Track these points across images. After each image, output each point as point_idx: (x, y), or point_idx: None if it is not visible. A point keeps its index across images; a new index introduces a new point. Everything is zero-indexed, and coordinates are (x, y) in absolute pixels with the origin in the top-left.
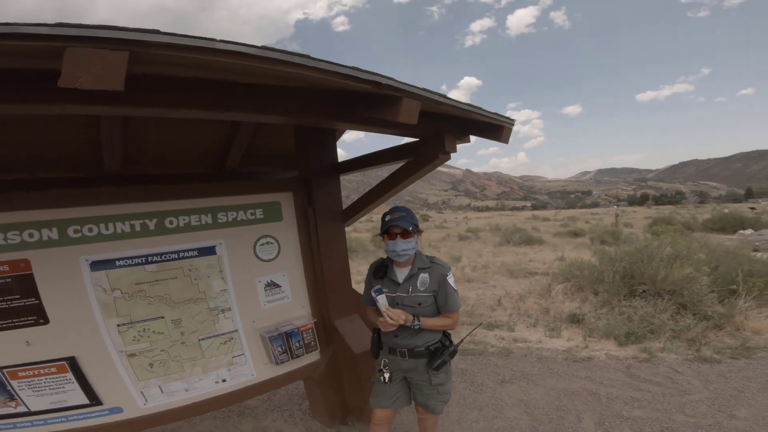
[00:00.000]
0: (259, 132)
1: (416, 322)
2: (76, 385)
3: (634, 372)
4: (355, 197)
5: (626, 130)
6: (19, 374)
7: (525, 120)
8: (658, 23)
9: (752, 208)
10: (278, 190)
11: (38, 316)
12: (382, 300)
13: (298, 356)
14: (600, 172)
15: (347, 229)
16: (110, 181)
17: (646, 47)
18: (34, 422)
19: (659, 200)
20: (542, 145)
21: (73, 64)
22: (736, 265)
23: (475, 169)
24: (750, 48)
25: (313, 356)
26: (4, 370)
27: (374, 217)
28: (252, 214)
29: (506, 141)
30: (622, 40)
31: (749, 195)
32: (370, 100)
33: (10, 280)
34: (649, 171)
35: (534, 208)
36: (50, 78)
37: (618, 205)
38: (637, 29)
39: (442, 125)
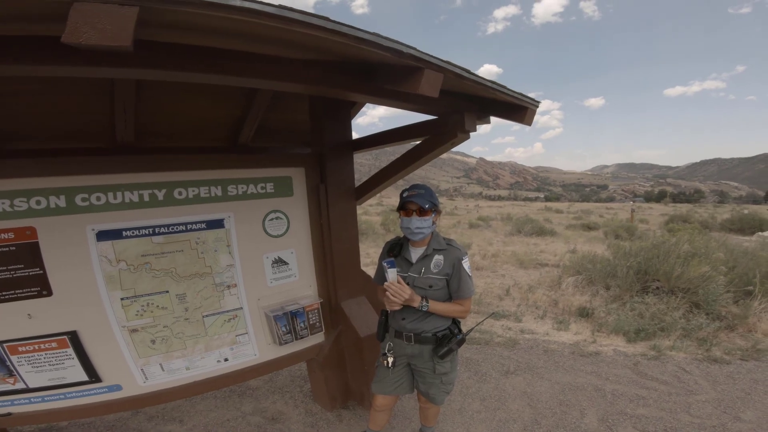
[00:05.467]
0: (273, 108)
1: (424, 303)
2: (75, 361)
3: (641, 369)
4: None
5: (650, 125)
6: (20, 349)
7: (544, 110)
8: (697, 18)
9: None
10: (290, 164)
11: (41, 287)
12: (392, 273)
13: (302, 337)
14: (619, 166)
15: (357, 211)
16: (121, 151)
17: (680, 42)
18: (32, 399)
19: (677, 198)
20: (560, 137)
21: (78, 19)
22: (753, 266)
23: (489, 158)
24: None
25: (318, 338)
26: (5, 345)
27: (384, 200)
28: (262, 188)
29: (529, 123)
30: (657, 33)
31: None
32: (390, 70)
33: (15, 248)
34: (670, 168)
35: (547, 199)
36: (54, 39)
37: (634, 201)
38: (674, 23)
39: (463, 103)
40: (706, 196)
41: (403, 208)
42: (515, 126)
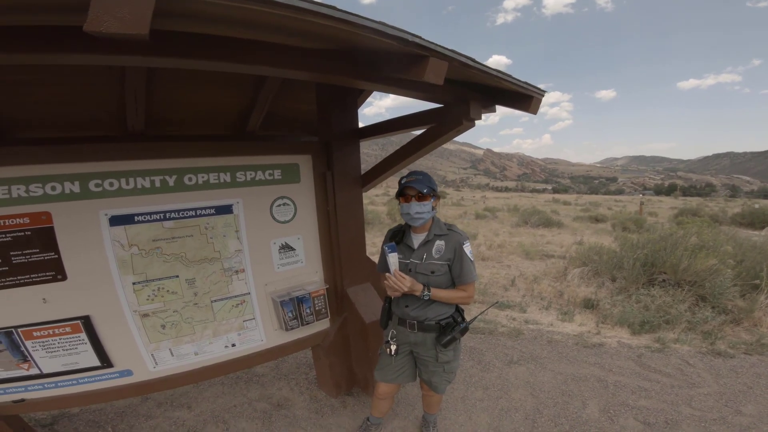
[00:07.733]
0: (281, 97)
1: (426, 293)
2: (88, 346)
3: (644, 361)
4: None
5: (662, 118)
6: (34, 334)
7: (554, 102)
8: (714, 11)
9: None
10: (297, 152)
11: (56, 271)
12: (393, 258)
13: (308, 323)
14: (629, 159)
15: (363, 200)
16: (132, 138)
17: (696, 35)
18: (45, 385)
19: (688, 191)
20: (569, 128)
21: (100, 9)
22: (761, 260)
23: (496, 149)
24: None
25: (323, 324)
26: (20, 330)
27: (391, 190)
28: (270, 174)
29: (534, 112)
30: (672, 26)
31: None
32: (395, 58)
33: (30, 233)
34: (681, 161)
35: (555, 191)
36: (72, 28)
37: (644, 194)
38: (690, 16)
39: (468, 92)
40: (717, 189)
41: (402, 194)
42: (524, 117)
